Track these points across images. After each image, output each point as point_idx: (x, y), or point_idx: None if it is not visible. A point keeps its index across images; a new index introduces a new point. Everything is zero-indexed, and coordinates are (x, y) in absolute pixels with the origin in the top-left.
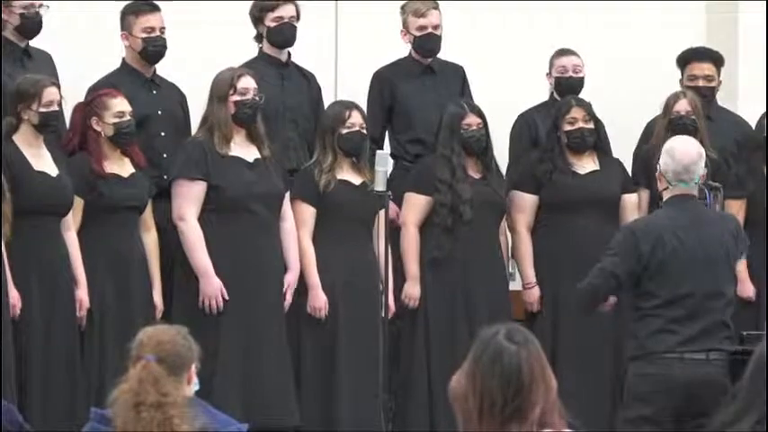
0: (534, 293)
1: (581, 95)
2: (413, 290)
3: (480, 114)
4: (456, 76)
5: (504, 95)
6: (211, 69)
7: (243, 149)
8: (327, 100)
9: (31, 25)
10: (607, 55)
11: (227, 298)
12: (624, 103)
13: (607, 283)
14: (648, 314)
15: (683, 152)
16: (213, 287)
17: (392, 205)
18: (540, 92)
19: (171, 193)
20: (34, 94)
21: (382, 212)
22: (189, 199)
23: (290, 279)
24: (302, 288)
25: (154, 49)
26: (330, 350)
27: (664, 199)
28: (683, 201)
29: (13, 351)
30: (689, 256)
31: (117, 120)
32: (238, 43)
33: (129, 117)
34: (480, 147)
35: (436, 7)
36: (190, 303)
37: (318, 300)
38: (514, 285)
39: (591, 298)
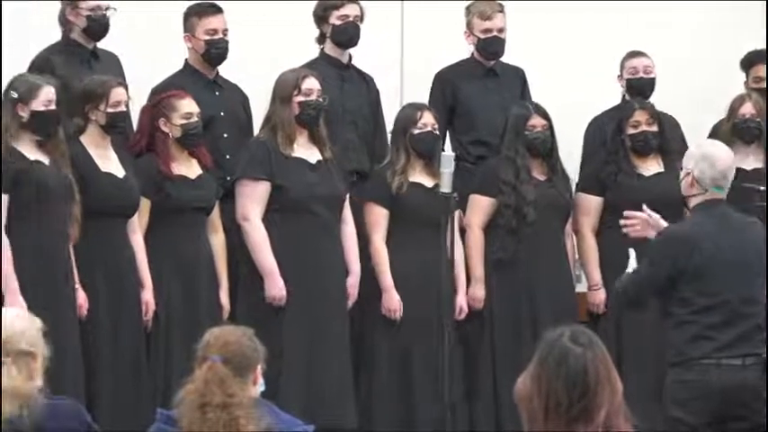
0: (600, 295)
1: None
2: (478, 292)
3: (545, 116)
4: (517, 79)
5: (575, 97)
6: (264, 70)
7: (305, 151)
8: (393, 102)
9: (98, 27)
10: (671, 55)
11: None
12: (688, 105)
13: (644, 291)
14: (685, 320)
15: (721, 158)
16: (279, 287)
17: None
18: (611, 94)
19: (234, 193)
20: (102, 94)
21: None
22: (253, 199)
23: (352, 283)
24: (374, 290)
25: (216, 51)
26: (403, 352)
27: (692, 204)
28: (716, 206)
29: (80, 352)
30: (725, 262)
31: (185, 121)
32: (298, 44)
33: (196, 118)
34: (545, 148)
35: (501, 10)
36: (254, 304)
37: (393, 301)
38: (580, 287)
39: (627, 303)
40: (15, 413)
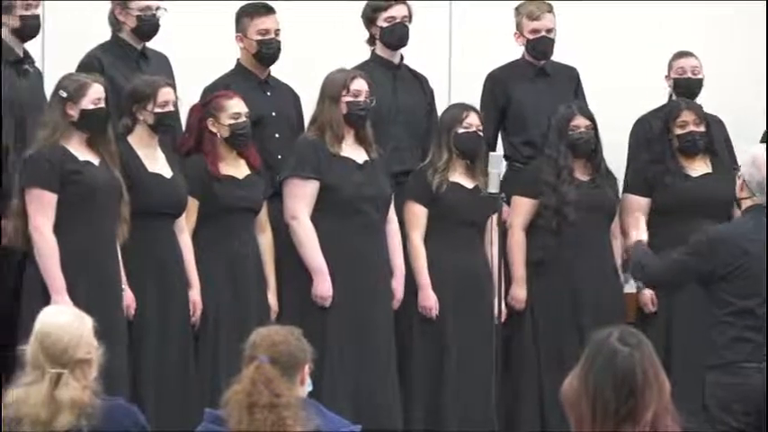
0: (647, 295)
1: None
2: (519, 292)
3: (589, 116)
4: (570, 79)
5: (622, 98)
6: (316, 71)
7: (353, 151)
8: (441, 102)
9: (148, 27)
10: (719, 56)
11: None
12: (737, 105)
13: (677, 277)
14: (723, 321)
15: (765, 164)
16: (327, 287)
17: (504, 207)
18: (658, 94)
19: (282, 192)
20: (150, 94)
21: (495, 215)
22: (302, 198)
23: (397, 282)
24: (412, 288)
25: (268, 52)
26: (441, 351)
27: (743, 207)
28: (761, 211)
29: (128, 352)
30: (761, 265)
31: (233, 121)
32: (351, 45)
33: (245, 118)
34: (588, 149)
35: (550, 10)
36: (300, 304)
37: (429, 299)
38: (629, 288)
39: (654, 281)
40: (74, 423)
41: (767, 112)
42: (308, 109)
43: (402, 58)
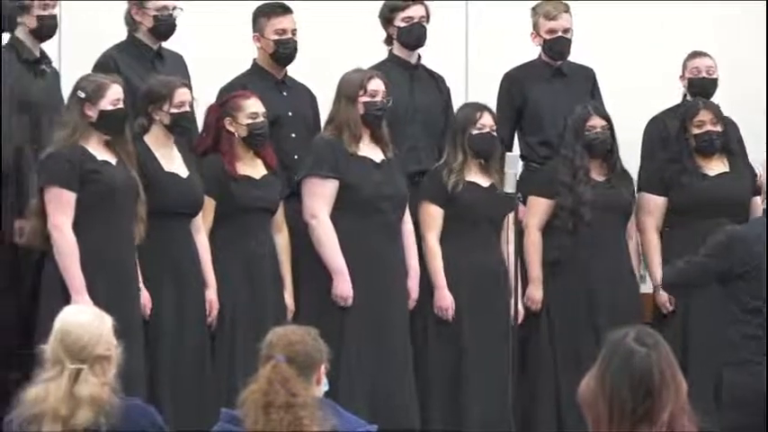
0: (664, 295)
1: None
2: (535, 293)
3: (605, 116)
4: (586, 79)
5: (636, 98)
6: (332, 71)
7: (369, 150)
8: (457, 102)
9: (165, 27)
10: (735, 56)
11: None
12: (754, 105)
13: (698, 279)
14: (739, 319)
15: None
16: (348, 287)
17: (521, 207)
18: (671, 94)
19: (301, 192)
20: (166, 94)
21: (511, 215)
22: (322, 197)
23: (413, 282)
24: (428, 288)
25: (285, 52)
26: (457, 352)
27: (763, 207)
28: None
29: (144, 352)
30: None
31: (250, 121)
32: (367, 45)
33: (262, 118)
34: (604, 149)
35: (567, 10)
36: (318, 303)
37: (445, 300)
38: (645, 287)
39: (683, 284)
40: (93, 420)
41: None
42: (324, 109)
43: (419, 57)
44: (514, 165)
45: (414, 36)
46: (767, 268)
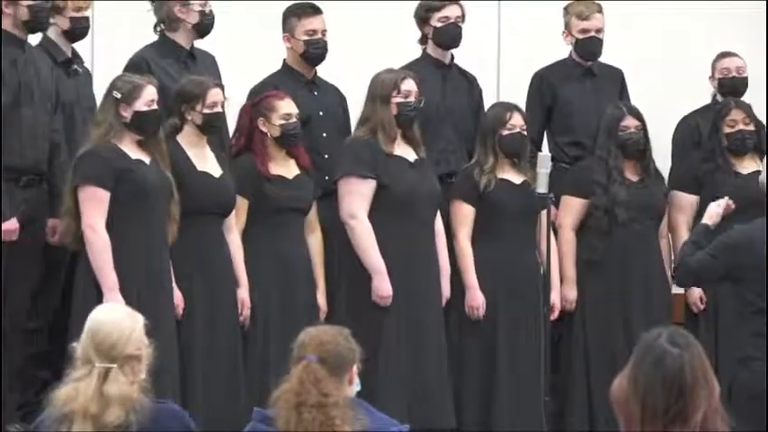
0: (696, 294)
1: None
2: (569, 292)
3: (639, 116)
4: (615, 80)
5: (666, 98)
6: (362, 71)
7: (403, 150)
8: (489, 101)
9: (208, 24)
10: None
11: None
12: None
13: (705, 275)
14: (746, 318)
15: None
16: (387, 286)
17: (552, 207)
18: (702, 95)
19: (338, 192)
20: (198, 95)
21: (544, 214)
22: (360, 197)
23: (445, 281)
24: (460, 287)
25: (315, 52)
26: (491, 351)
27: None
28: None
29: (177, 351)
30: None
31: (283, 121)
32: (396, 44)
33: (295, 119)
34: (638, 149)
35: (600, 10)
36: (355, 303)
37: (476, 299)
38: (678, 287)
39: (694, 280)
40: (123, 419)
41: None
42: (354, 109)
43: (453, 57)
44: (546, 164)
45: (449, 36)
46: (767, 267)
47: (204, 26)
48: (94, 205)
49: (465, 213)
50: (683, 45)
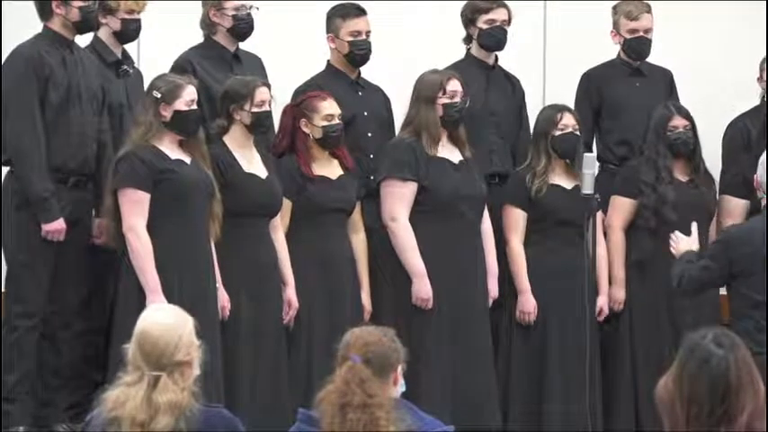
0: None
1: None
2: (618, 293)
3: (688, 116)
4: (664, 80)
5: (716, 98)
6: (405, 72)
7: (448, 151)
8: (535, 103)
9: (244, 27)
10: None
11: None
12: None
13: (708, 284)
14: (744, 314)
15: None
16: (427, 289)
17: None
18: (749, 96)
19: (380, 194)
20: (246, 94)
21: (598, 215)
22: (401, 199)
23: (492, 285)
24: (511, 290)
25: (359, 53)
26: (540, 352)
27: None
28: None
29: (222, 352)
30: None
31: (326, 122)
32: (438, 46)
33: (337, 120)
34: (687, 149)
35: (649, 11)
36: (398, 304)
37: (528, 304)
38: (723, 289)
39: (698, 289)
40: (173, 425)
41: None
42: (398, 110)
43: (497, 59)
44: (592, 165)
45: (495, 39)
46: (767, 264)
47: (239, 30)
48: (134, 207)
49: (516, 218)
50: (732, 47)
